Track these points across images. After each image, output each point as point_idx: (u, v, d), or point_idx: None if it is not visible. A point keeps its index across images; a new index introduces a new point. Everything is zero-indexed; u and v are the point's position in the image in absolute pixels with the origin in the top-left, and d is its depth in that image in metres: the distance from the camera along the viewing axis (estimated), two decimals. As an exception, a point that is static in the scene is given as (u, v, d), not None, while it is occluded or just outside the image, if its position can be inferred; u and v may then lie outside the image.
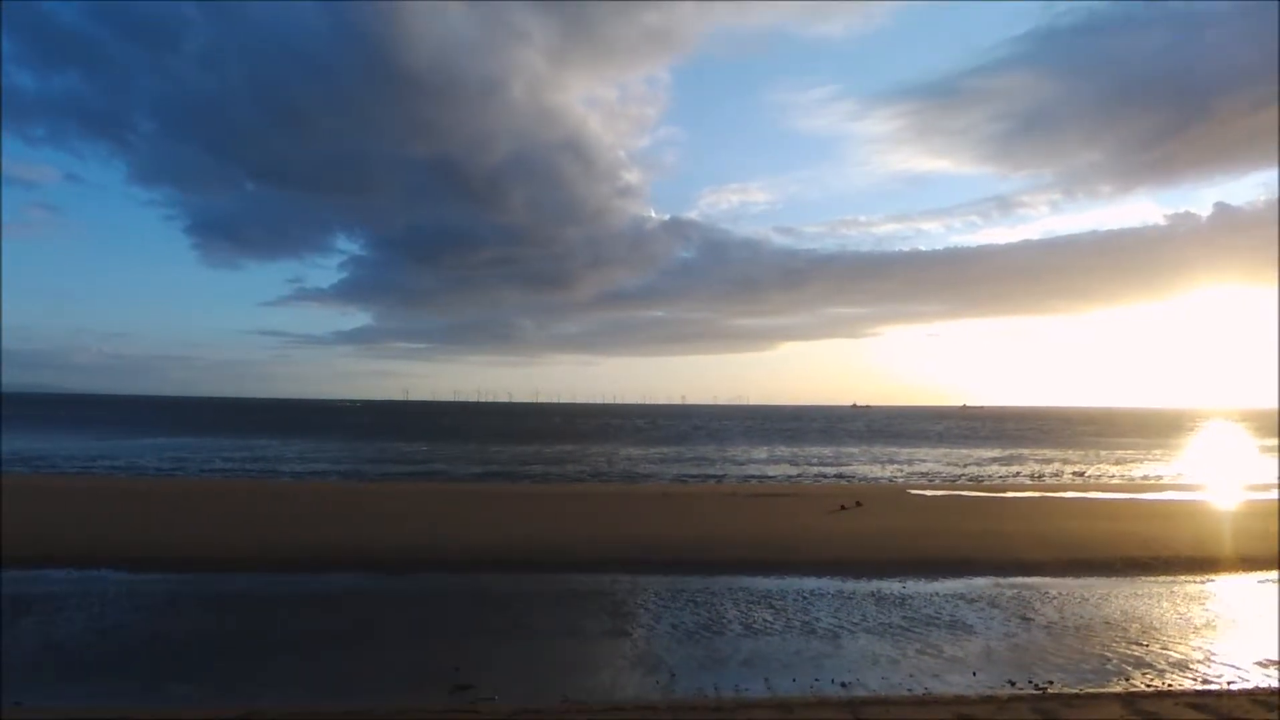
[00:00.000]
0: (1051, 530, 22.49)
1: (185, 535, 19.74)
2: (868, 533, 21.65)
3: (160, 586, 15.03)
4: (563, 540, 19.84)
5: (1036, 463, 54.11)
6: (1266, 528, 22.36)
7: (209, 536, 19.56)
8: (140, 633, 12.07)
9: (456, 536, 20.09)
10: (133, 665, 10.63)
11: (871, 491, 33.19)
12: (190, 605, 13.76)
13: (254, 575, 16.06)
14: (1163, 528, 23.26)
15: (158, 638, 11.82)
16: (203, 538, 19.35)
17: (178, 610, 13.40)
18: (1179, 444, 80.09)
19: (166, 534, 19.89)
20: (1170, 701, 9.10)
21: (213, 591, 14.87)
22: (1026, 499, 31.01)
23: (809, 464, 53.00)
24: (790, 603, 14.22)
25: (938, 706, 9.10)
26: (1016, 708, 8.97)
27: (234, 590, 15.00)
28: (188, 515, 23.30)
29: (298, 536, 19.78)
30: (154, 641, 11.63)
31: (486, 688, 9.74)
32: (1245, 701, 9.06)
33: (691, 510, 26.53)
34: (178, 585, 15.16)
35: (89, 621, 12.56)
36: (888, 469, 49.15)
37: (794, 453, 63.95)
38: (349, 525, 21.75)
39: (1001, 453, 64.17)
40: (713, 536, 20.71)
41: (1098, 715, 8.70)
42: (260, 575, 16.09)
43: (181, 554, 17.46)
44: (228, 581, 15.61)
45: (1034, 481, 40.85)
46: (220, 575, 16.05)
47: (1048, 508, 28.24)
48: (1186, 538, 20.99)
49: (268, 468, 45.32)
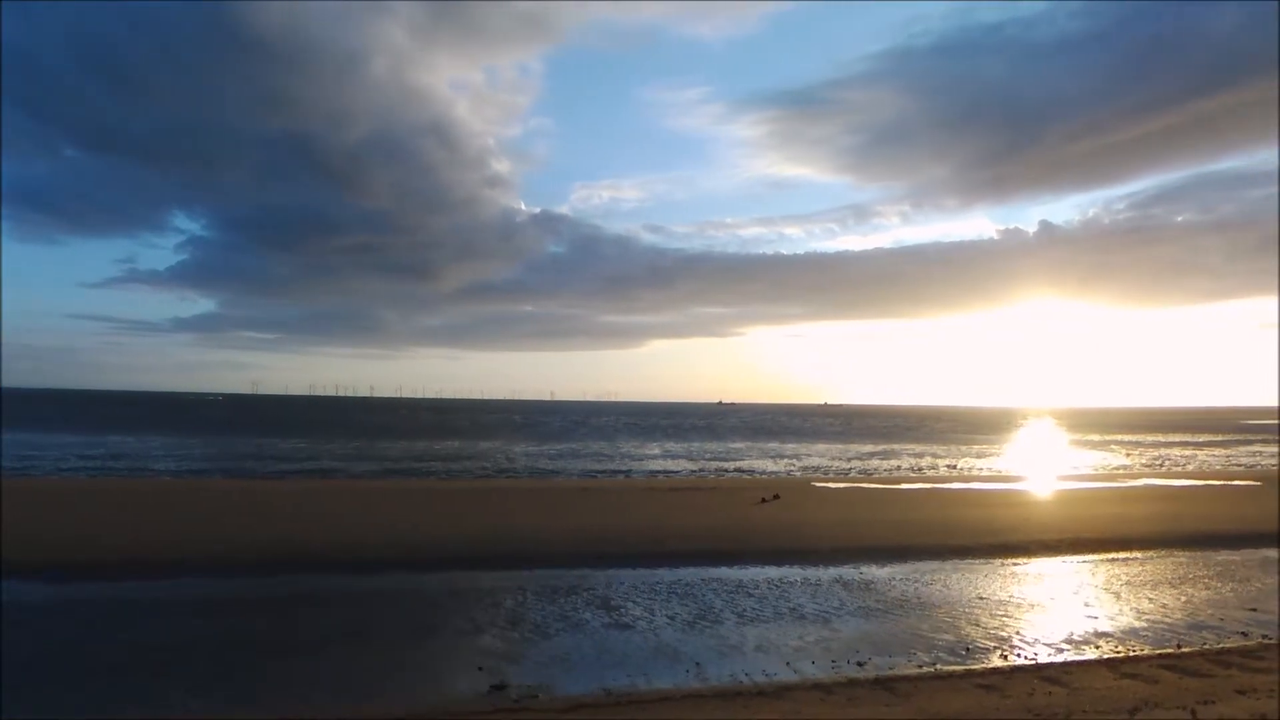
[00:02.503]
0: (959, 517, 24.45)
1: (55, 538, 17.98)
2: (800, 523, 22.72)
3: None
4: (517, 536, 19.61)
5: (910, 456, 58.12)
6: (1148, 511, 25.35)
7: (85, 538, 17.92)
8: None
9: (428, 533, 19.45)
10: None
11: (782, 485, 34.65)
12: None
13: (201, 579, 14.95)
14: (1056, 513, 25.81)
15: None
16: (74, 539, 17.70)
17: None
18: (1021, 439, 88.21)
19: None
20: (1146, 664, 10.34)
21: (93, 598, 13.72)
22: (920, 490, 33.37)
23: (704, 459, 54.45)
24: (767, 591, 14.81)
25: (957, 680, 9.88)
26: (1023, 679, 9.90)
27: (125, 597, 13.91)
28: (56, 514, 21.16)
29: (255, 536, 18.48)
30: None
31: (531, 684, 9.67)
32: (1204, 662, 10.42)
33: (622, 505, 26.79)
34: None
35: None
36: (780, 463, 51.30)
37: (685, 449, 65.46)
38: (303, 524, 20.52)
39: (876, 447, 68.41)
40: (659, 530, 21.08)
41: (1088, 680, 9.74)
42: (203, 579, 15.00)
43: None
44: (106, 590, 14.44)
45: (917, 474, 43.95)
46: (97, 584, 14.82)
47: (943, 498, 30.56)
48: (1089, 520, 23.43)
49: (136, 465, 41.56)
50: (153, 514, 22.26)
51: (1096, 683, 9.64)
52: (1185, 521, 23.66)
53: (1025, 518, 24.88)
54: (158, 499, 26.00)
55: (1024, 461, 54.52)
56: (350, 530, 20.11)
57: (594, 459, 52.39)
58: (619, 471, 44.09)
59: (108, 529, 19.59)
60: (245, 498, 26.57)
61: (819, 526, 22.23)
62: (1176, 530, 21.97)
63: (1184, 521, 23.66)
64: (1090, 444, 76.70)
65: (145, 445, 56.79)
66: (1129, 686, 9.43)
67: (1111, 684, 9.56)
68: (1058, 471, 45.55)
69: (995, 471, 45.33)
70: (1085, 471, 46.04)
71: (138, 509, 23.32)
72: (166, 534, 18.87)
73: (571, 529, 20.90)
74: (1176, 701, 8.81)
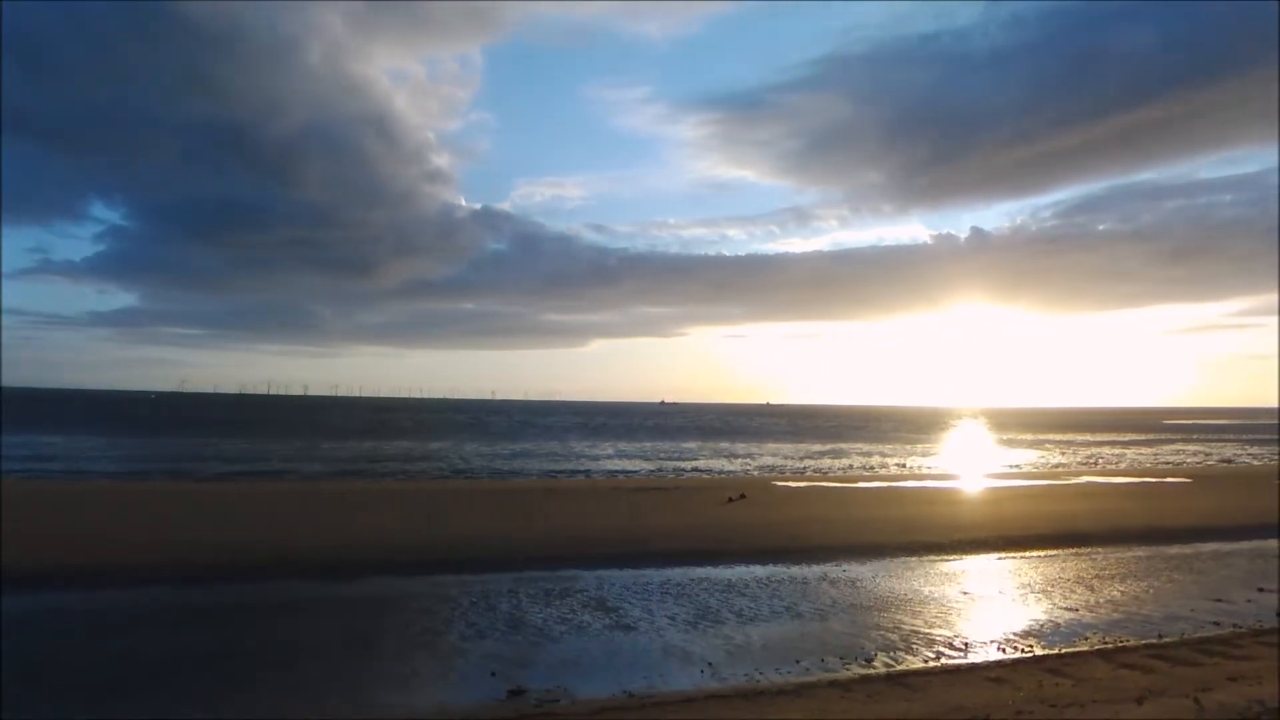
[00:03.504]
0: (923, 515, 25.13)
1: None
2: (772, 522, 23.01)
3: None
4: (496, 538, 19.36)
5: (860, 455, 59.42)
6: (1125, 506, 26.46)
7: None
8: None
9: (403, 536, 19.01)
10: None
11: (744, 485, 35.02)
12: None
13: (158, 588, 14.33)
14: (1012, 510, 26.73)
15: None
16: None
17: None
18: (961, 438, 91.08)
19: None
20: (1136, 655, 10.81)
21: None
22: (879, 489, 34.16)
23: (659, 459, 54.64)
24: (759, 590, 14.97)
25: (965, 674, 10.17)
26: (1028, 671, 10.24)
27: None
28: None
29: (221, 541, 17.75)
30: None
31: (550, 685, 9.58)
32: (1188, 651, 10.95)
33: (593, 505, 26.71)
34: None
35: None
36: (736, 463, 51.85)
37: (638, 449, 65.58)
38: (278, 528, 19.80)
39: (826, 447, 69.73)
40: (637, 530, 21.10)
41: (1088, 672, 10.14)
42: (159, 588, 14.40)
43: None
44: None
45: (871, 473, 44.95)
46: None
47: (902, 496, 31.34)
48: (1045, 516, 24.33)
49: (71, 467, 39.58)
50: (102, 518, 21.24)
51: (1096, 673, 10.03)
52: (1134, 517, 24.81)
53: (986, 515, 25.73)
54: (104, 501, 24.82)
55: (970, 460, 56.30)
56: (324, 534, 19.57)
57: (550, 459, 52.07)
58: (578, 472, 43.92)
59: (49, 534, 18.61)
60: (205, 500, 25.57)
61: (792, 525, 22.55)
62: (1127, 526, 23.01)
63: (1132, 517, 24.80)
64: (1026, 443, 79.64)
65: (79, 445, 54.11)
66: (1127, 676, 9.85)
67: (1110, 674, 9.97)
68: (1004, 470, 47.20)
69: (946, 470, 46.67)
70: (1029, 470, 47.81)
71: (81, 512, 22.21)
72: (126, 539, 18.04)
73: (550, 530, 20.76)
74: (1177, 690, 9.23)
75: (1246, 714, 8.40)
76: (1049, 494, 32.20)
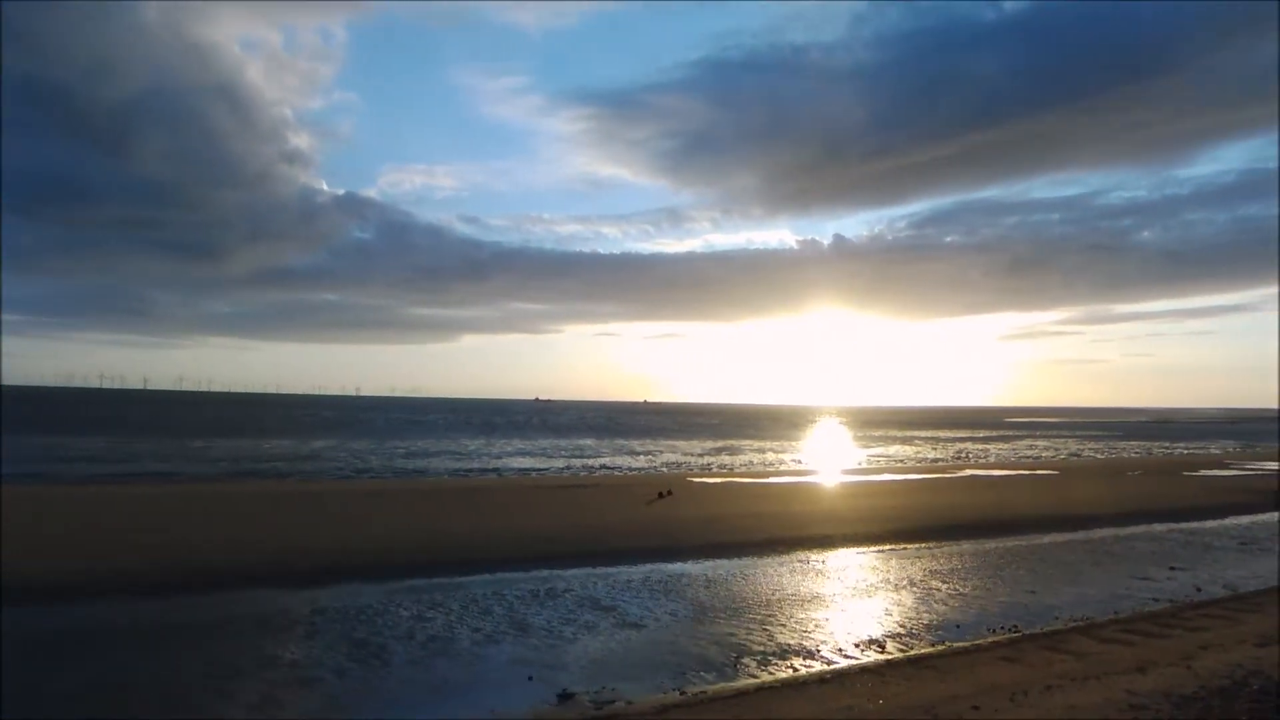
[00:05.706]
0: (848, 508, 26.42)
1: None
2: (710, 517, 23.43)
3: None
4: (450, 539, 18.71)
5: (754, 452, 61.45)
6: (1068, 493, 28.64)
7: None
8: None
9: (349, 541, 17.90)
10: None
11: (663, 482, 35.40)
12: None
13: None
14: (926, 501, 28.48)
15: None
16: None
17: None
18: (838, 435, 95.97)
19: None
20: (1113, 630, 11.88)
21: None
22: (790, 483, 35.46)
23: (562, 457, 54.26)
24: (742, 584, 15.28)
25: (978, 654, 10.83)
26: (1033, 649, 11.04)
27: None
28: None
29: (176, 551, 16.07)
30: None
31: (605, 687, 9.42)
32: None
33: (525, 504, 26.24)
34: None
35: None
36: (640, 460, 52.30)
37: (535, 446, 64.81)
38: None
39: (720, 443, 71.60)
40: (587, 528, 20.99)
41: (1084, 647, 11.06)
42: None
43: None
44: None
45: (774, 468, 46.59)
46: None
47: (818, 490, 32.73)
48: (963, 507, 26.08)
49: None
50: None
51: (1088, 648, 10.95)
52: (1038, 506, 27.04)
53: (905, 506, 27.24)
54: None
55: (857, 456, 59.42)
56: (262, 541, 18.25)
57: (453, 458, 50.61)
58: (488, 470, 42.97)
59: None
60: (108, 506, 23.15)
61: (729, 520, 23.01)
62: (1036, 514, 25.00)
63: (1037, 506, 27.03)
64: (898, 439, 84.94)
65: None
66: (1119, 650, 10.81)
67: (1104, 649, 10.91)
68: (897, 464, 50.16)
69: (843, 466, 49.02)
70: (920, 464, 51.03)
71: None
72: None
73: (501, 530, 20.25)
74: (1165, 660, 10.22)
75: (1234, 677, 9.45)
76: (952, 485, 34.55)
